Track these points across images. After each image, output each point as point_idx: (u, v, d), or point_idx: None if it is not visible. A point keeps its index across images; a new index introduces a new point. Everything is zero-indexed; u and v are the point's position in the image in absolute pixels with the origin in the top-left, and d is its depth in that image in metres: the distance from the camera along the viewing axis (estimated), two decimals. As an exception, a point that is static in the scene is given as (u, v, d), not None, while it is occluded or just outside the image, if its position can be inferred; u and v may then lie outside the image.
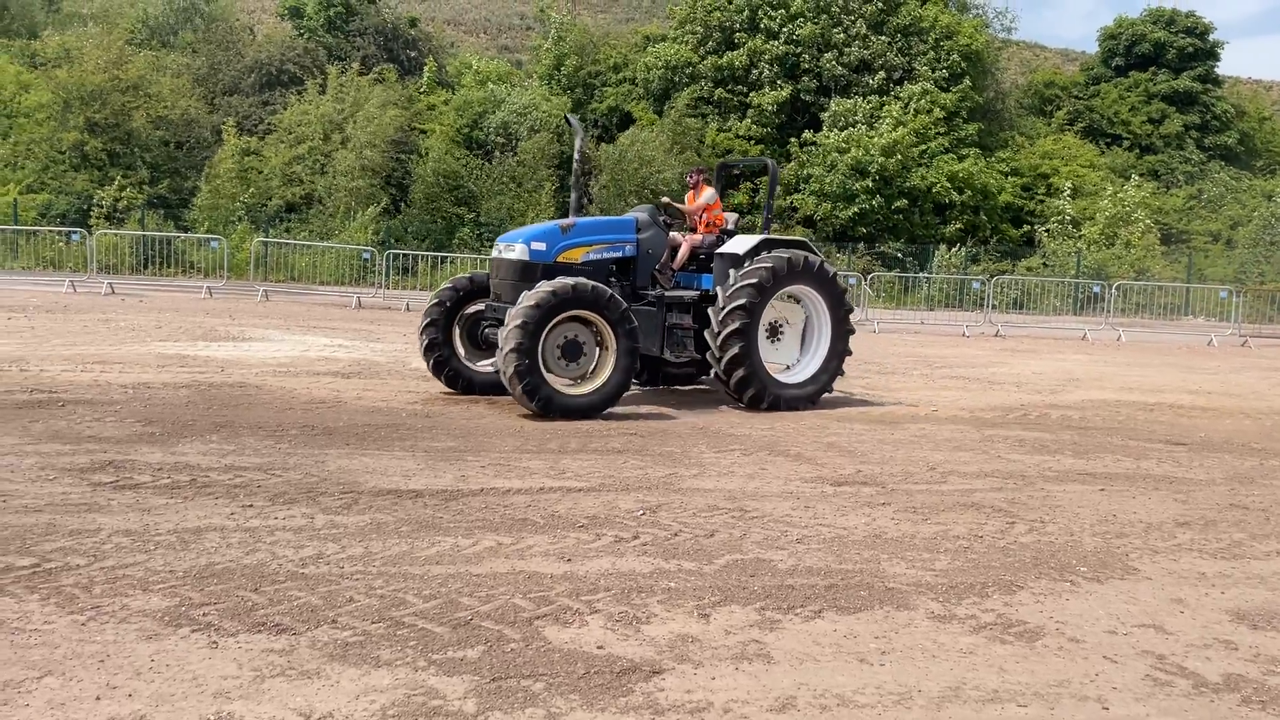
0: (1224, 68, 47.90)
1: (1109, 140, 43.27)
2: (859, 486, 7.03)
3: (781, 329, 10.70)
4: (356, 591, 4.45)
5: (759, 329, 10.17)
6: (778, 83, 35.69)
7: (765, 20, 36.34)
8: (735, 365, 9.93)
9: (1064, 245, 34.55)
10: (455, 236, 30.44)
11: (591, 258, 10.10)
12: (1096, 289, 28.07)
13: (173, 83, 33.84)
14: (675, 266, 10.59)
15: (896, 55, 36.47)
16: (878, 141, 32.47)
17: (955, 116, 35.96)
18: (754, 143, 35.05)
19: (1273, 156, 46.50)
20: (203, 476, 6.32)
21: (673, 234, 10.76)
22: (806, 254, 10.38)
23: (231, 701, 3.37)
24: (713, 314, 10.11)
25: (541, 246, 9.85)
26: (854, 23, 36.18)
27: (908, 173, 33.01)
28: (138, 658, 3.67)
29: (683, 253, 10.58)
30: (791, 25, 36.08)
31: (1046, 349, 20.04)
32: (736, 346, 9.88)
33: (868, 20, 36.36)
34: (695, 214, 11.03)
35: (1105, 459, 8.54)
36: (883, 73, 36.06)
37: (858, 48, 35.99)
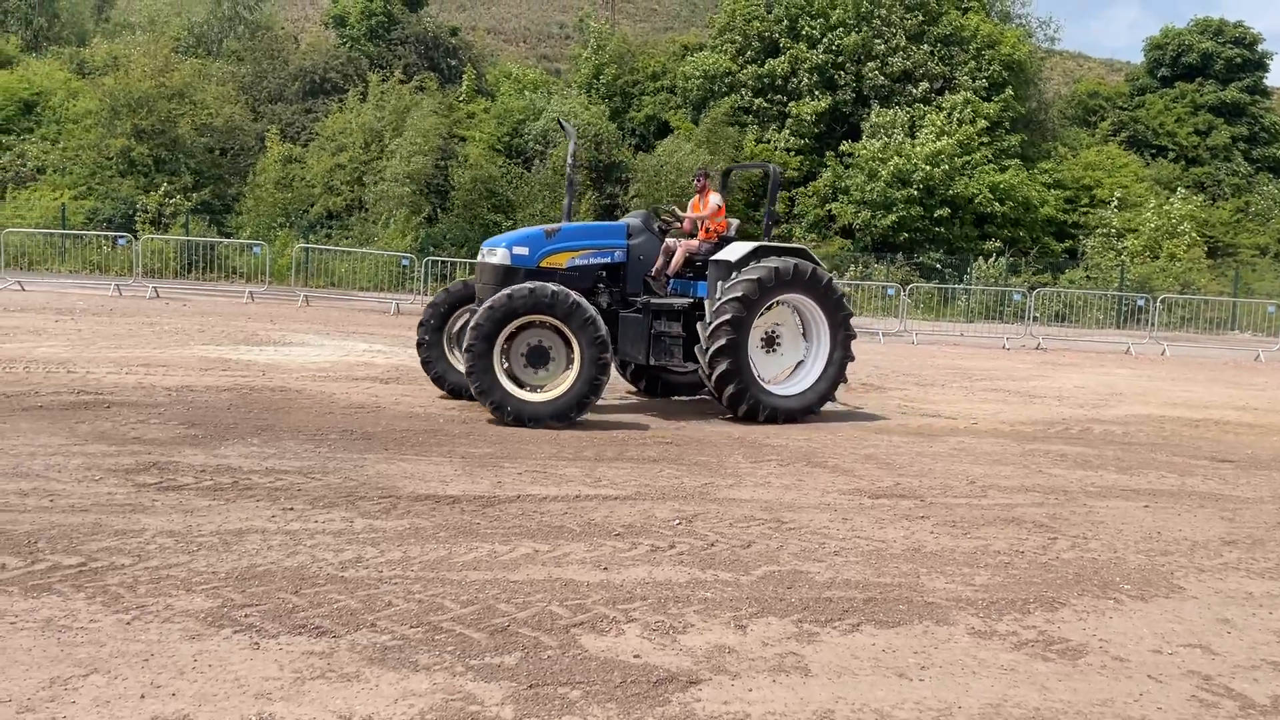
0: (1273, 79, 47.15)
1: (1154, 152, 42.66)
2: (897, 499, 6.97)
3: (778, 338, 10.43)
4: (395, 596, 4.48)
5: (750, 340, 9.92)
6: (816, 92, 35.57)
7: (806, 28, 36.25)
8: (725, 381, 9.71)
9: (1107, 257, 34.09)
10: (493, 244, 30.56)
11: (577, 263, 10.00)
12: (1141, 302, 27.65)
13: (217, 90, 34.37)
14: (670, 273, 10.44)
15: (938, 65, 36.21)
16: (920, 150, 32.24)
17: (997, 127, 35.62)
18: (792, 153, 34.94)
19: (1323, 169, 45.58)
20: (244, 479, 6.40)
21: (670, 240, 10.65)
22: (798, 262, 10.10)
23: (273, 703, 3.40)
24: (700, 328, 9.91)
25: (524, 251, 9.80)
26: (895, 33, 35.98)
27: (951, 182, 32.75)
28: (181, 657, 3.71)
29: (677, 259, 10.40)
30: (832, 34, 35.96)
31: (1089, 363, 19.77)
32: (725, 362, 9.64)
33: (908, 30, 36.14)
34: (698, 221, 10.81)
35: (1149, 475, 8.41)
36: (925, 83, 35.82)
37: (899, 58, 35.79)
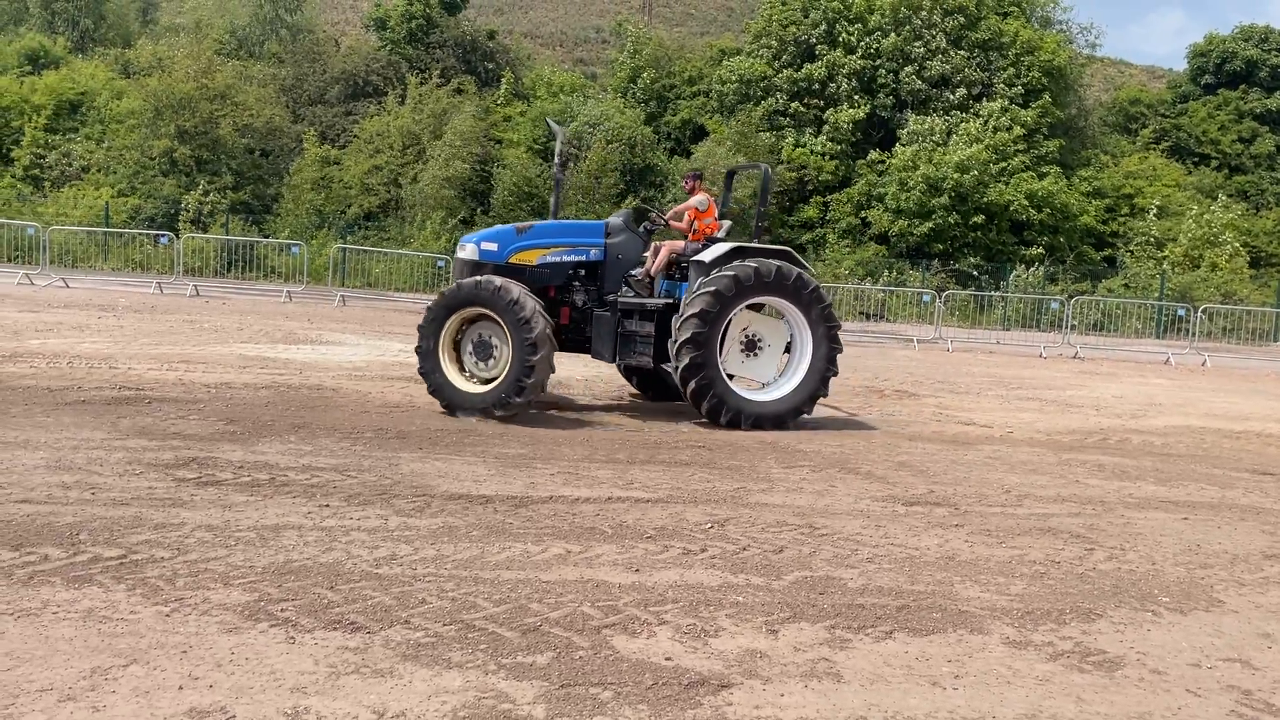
0: (1320, 86, 46.19)
1: (1196, 160, 42.08)
2: (931, 507, 6.91)
3: (760, 343, 10.14)
4: (429, 593, 4.51)
5: (722, 340, 9.74)
6: (855, 98, 35.42)
7: (843, 34, 36.12)
8: (689, 375, 9.48)
9: (1147, 266, 33.65)
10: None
11: (549, 260, 10.01)
12: (1181, 312, 27.26)
13: (259, 92, 34.83)
14: (653, 273, 10.36)
15: (976, 70, 35.94)
16: (950, 159, 32.00)
17: (1035, 133, 35.28)
18: (829, 158, 34.81)
19: (1370, 179, 44.70)
20: (281, 475, 6.47)
21: (659, 241, 10.63)
22: (779, 265, 9.76)
23: (308, 696, 3.44)
24: (674, 323, 9.75)
25: (492, 247, 9.89)
26: (934, 37, 35.75)
27: (984, 189, 32.46)
28: (218, 650, 3.76)
29: (660, 259, 10.31)
30: (870, 39, 35.80)
31: (1127, 372, 19.53)
32: (689, 356, 9.44)
33: (948, 35, 35.90)
34: (674, 220, 10.74)
35: (1189, 487, 8.28)
36: (963, 88, 35.56)
37: (938, 62, 35.55)
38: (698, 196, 10.62)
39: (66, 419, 7.77)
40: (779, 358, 10.22)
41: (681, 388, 9.63)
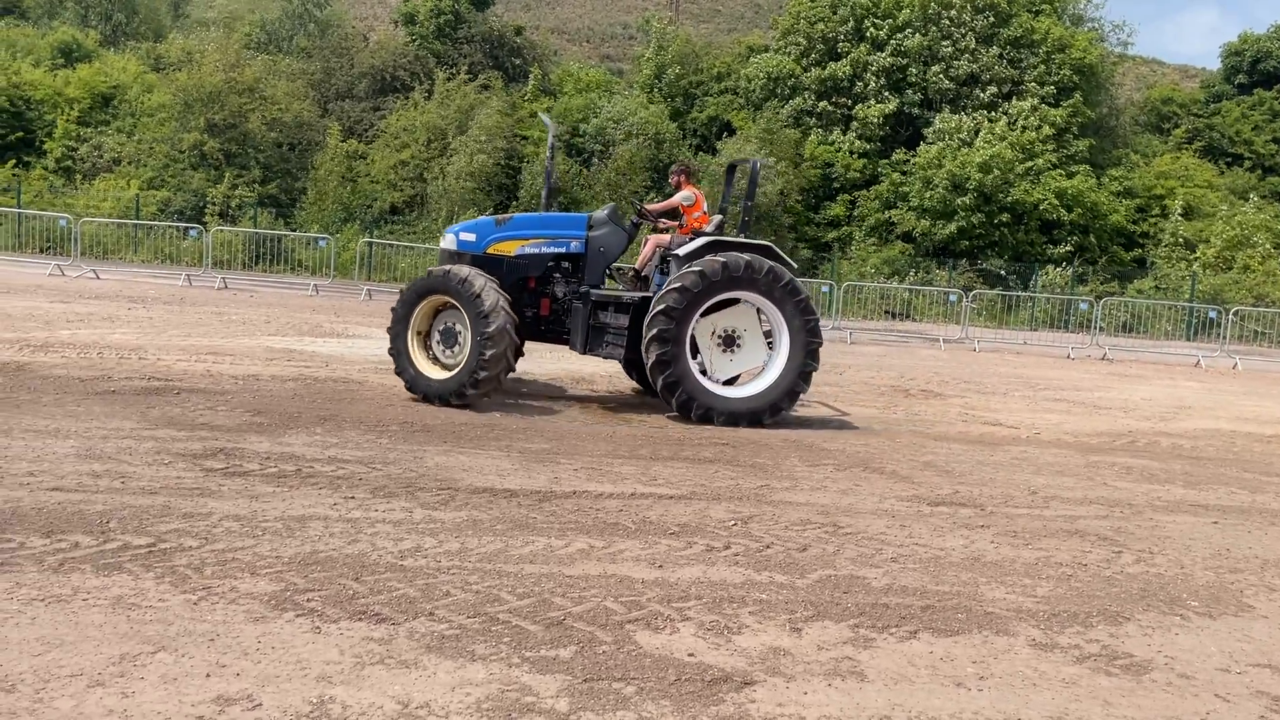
0: (1357, 86, 45.43)
1: (1229, 160, 41.53)
2: (956, 507, 6.87)
3: (739, 339, 9.99)
4: (453, 586, 4.53)
5: (702, 338, 9.72)
6: (883, 94, 35.21)
7: (871, 30, 35.90)
8: (659, 370, 9.46)
9: (1178, 268, 33.26)
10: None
11: (527, 251, 10.02)
12: (1212, 314, 26.93)
13: (287, 86, 35.06)
14: (639, 267, 10.32)
15: (1006, 68, 35.63)
16: (973, 158, 31.74)
17: (1065, 132, 34.94)
18: (857, 156, 34.64)
19: (1407, 180, 43.96)
20: (307, 467, 6.52)
21: (652, 235, 10.61)
22: (750, 259, 9.60)
23: (333, 686, 3.46)
24: (646, 319, 9.73)
25: (471, 238, 10.02)
26: (964, 35, 35.47)
27: (1009, 188, 32.17)
28: (245, 638, 3.79)
29: (645, 252, 10.32)
30: (899, 36, 35.57)
31: (1157, 374, 19.31)
32: (657, 351, 9.41)
33: (978, 33, 35.61)
34: (659, 214, 10.73)
35: (1219, 490, 8.19)
36: (992, 86, 35.27)
37: (966, 60, 35.27)
38: (683, 191, 10.62)
39: (97, 408, 7.86)
40: (760, 354, 10.01)
41: (655, 385, 9.64)
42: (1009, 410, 12.28)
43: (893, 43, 35.66)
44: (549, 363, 12.70)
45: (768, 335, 10.01)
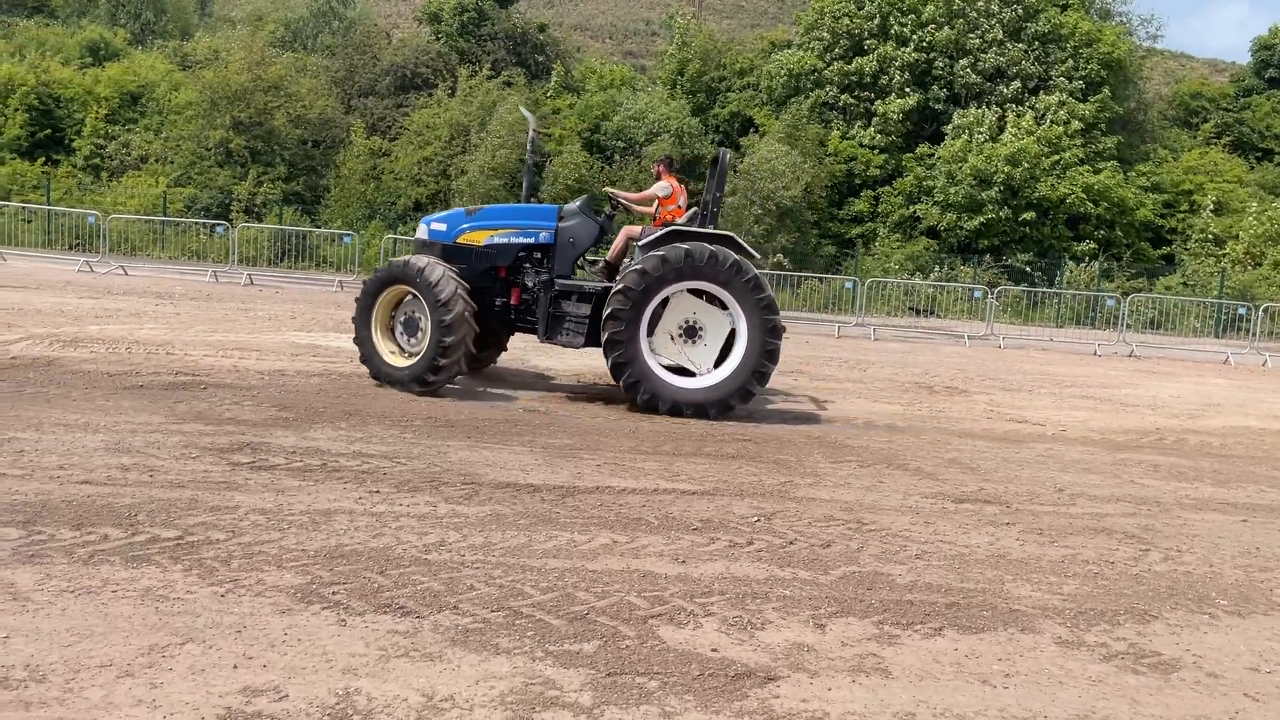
0: (1391, 80, 44.74)
1: (1259, 155, 40.96)
2: (981, 505, 6.83)
3: (701, 331, 9.89)
4: (477, 580, 4.54)
5: (660, 328, 9.71)
6: (906, 90, 34.99)
7: (896, 26, 35.68)
8: (610, 349, 9.53)
9: (1206, 264, 32.86)
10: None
11: (496, 241, 10.18)
12: (1242, 311, 26.60)
13: (311, 83, 35.26)
14: (610, 259, 10.34)
15: (1033, 63, 35.31)
16: (1001, 151, 31.47)
17: (1093, 128, 34.59)
18: (879, 151, 34.46)
19: None
20: (333, 461, 6.56)
21: (626, 227, 10.65)
22: (714, 249, 9.53)
23: (359, 678, 3.48)
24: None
25: (441, 228, 10.29)
26: (990, 28, 35.18)
27: (1035, 183, 31.89)
28: (272, 630, 3.83)
29: (617, 243, 10.34)
30: (924, 31, 35.32)
31: (1185, 372, 19.10)
32: (610, 331, 9.48)
33: (1005, 27, 35.30)
34: (637, 205, 10.75)
35: (1248, 489, 8.09)
36: (1018, 81, 34.97)
37: (993, 55, 34.99)
38: (661, 183, 10.61)
39: (125, 403, 7.94)
40: (721, 346, 9.87)
41: (612, 376, 9.73)
42: (1035, 407, 12.19)
43: (917, 37, 35.42)
44: (571, 359, 12.71)
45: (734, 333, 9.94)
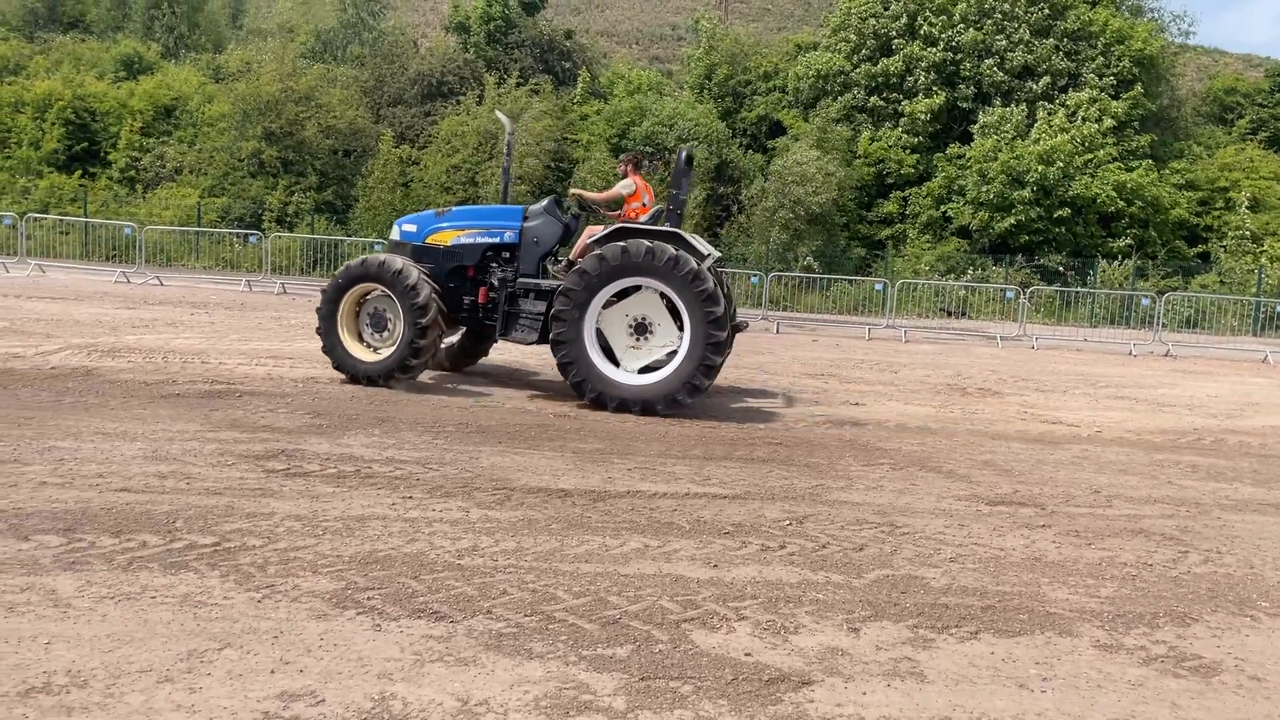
0: None
1: (1296, 150, 40.30)
2: (1016, 507, 6.76)
3: (651, 327, 9.92)
4: (509, 584, 4.56)
5: (610, 326, 9.78)
6: (933, 89, 34.77)
7: (925, 26, 35.48)
8: (556, 349, 9.69)
9: (1243, 261, 32.37)
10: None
11: (462, 241, 10.46)
12: (1280, 309, 26.18)
13: (341, 94, 35.59)
14: (573, 256, 10.35)
15: (1063, 61, 34.98)
16: (1033, 149, 31.18)
17: (1125, 125, 34.19)
18: (908, 151, 34.26)
19: None
20: (366, 468, 6.61)
21: (590, 225, 10.74)
22: (652, 245, 9.53)
23: (394, 683, 3.50)
24: None
25: (412, 229, 10.68)
26: (1019, 28, 34.90)
27: (1069, 181, 31.56)
28: (308, 636, 3.86)
29: (580, 243, 10.38)
30: (952, 31, 35.10)
31: (1222, 371, 18.82)
32: (555, 331, 9.64)
33: (1033, 25, 35.00)
34: (602, 204, 10.86)
35: (1290, 489, 7.95)
36: (1047, 78, 34.65)
37: (1021, 53, 34.70)
38: (625, 181, 10.73)
39: (162, 411, 8.05)
40: (670, 342, 9.85)
41: (561, 374, 9.88)
42: (1069, 408, 12.06)
43: (945, 37, 35.20)
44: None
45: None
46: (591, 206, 11.07)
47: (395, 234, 10.80)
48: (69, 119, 34.20)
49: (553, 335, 9.67)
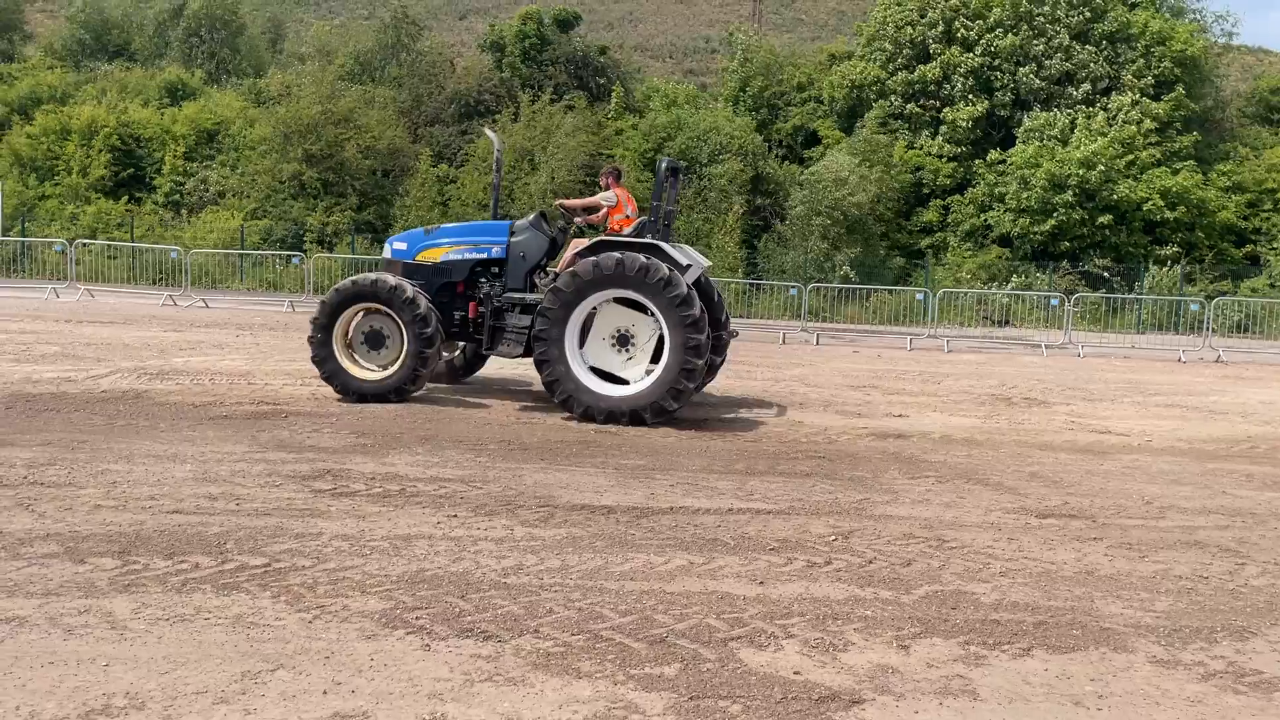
0: None
1: (1346, 150, 39.45)
2: (1066, 519, 6.66)
3: (632, 339, 10.00)
4: (555, 603, 4.57)
5: (591, 336, 9.87)
6: (971, 97, 34.51)
7: (961, 31, 35.24)
8: (540, 367, 9.78)
9: (1294, 263, 31.70)
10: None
11: (451, 257, 10.61)
12: (1334, 312, 25.60)
13: (380, 114, 36.04)
14: (560, 269, 10.35)
15: (1103, 65, 34.57)
16: (1074, 154, 30.78)
17: (1168, 127, 33.69)
18: (946, 159, 34.00)
19: None
20: (411, 486, 6.67)
21: (576, 239, 10.80)
22: (624, 257, 9.59)
23: (445, 703, 3.52)
24: None
25: (403, 246, 10.87)
26: (1058, 32, 34.55)
27: (1112, 185, 31.12)
28: (359, 656, 3.89)
29: (565, 256, 10.41)
30: (989, 36, 34.84)
31: (1275, 377, 18.43)
32: (538, 350, 9.74)
33: (1071, 29, 34.64)
34: (578, 210, 10.95)
35: (1349, 498, 7.76)
36: (1087, 84, 34.26)
37: (1059, 58, 34.36)
38: (607, 192, 10.83)
39: (210, 433, 8.17)
40: (652, 354, 9.93)
41: (545, 386, 9.94)
42: (1118, 417, 11.87)
43: (983, 43, 34.94)
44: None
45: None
46: (569, 212, 11.15)
47: (386, 252, 11.00)
48: (114, 146, 34.93)
49: (537, 354, 9.77)
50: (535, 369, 9.93)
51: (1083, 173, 30.64)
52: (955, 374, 15.91)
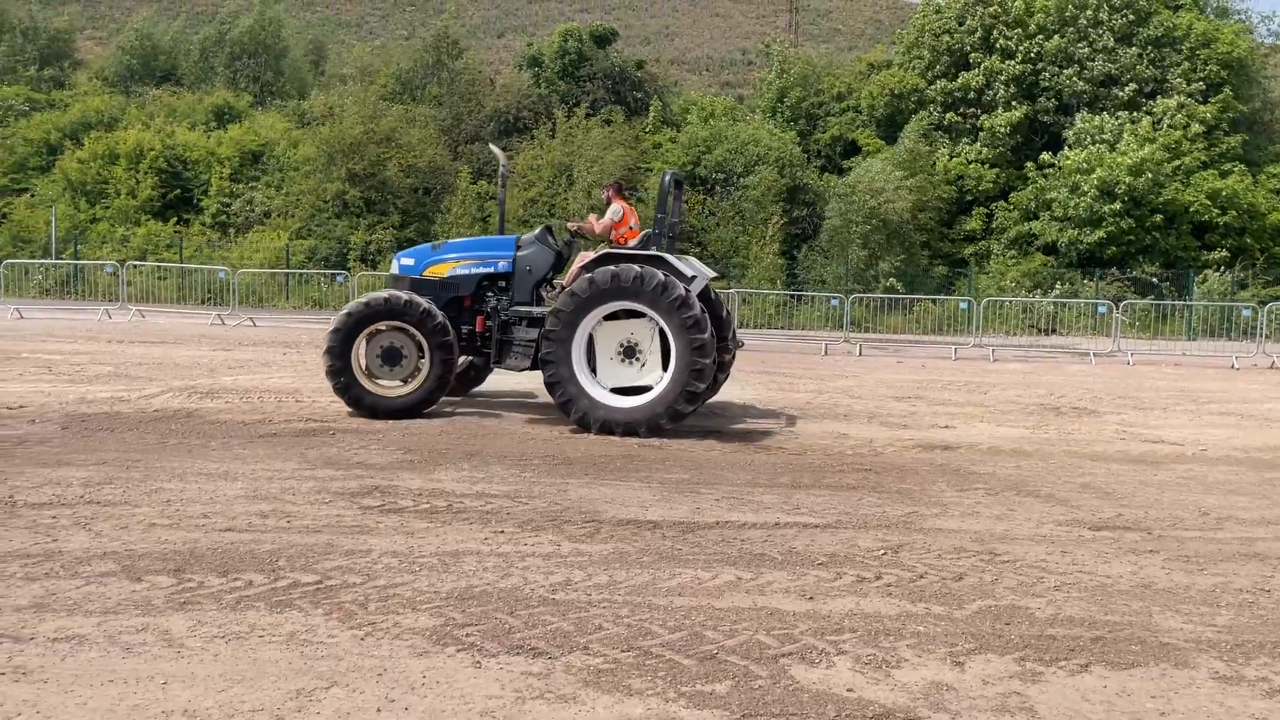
0: None
1: (1401, 149, 38.51)
2: (1121, 531, 6.54)
3: (639, 351, 10.00)
4: (604, 619, 4.56)
5: (599, 349, 9.88)
6: (1013, 103, 34.16)
7: (1001, 40, 34.95)
8: (544, 368, 9.81)
9: (1350, 266, 30.96)
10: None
11: (458, 272, 10.68)
12: (1392, 315, 24.96)
13: (420, 133, 36.44)
14: (566, 283, 10.37)
15: (1147, 68, 34.09)
16: (1122, 161, 30.32)
17: (1215, 130, 33.11)
18: (988, 166, 33.67)
19: None
20: (458, 502, 6.70)
21: (583, 252, 10.85)
22: (641, 270, 9.63)
23: (497, 721, 3.53)
24: None
25: (410, 262, 10.95)
26: (1100, 35, 34.14)
27: (1160, 189, 30.61)
28: (411, 673, 3.91)
29: (572, 270, 10.46)
30: (1030, 43, 34.50)
31: (1331, 382, 17.99)
32: (544, 352, 9.76)
33: (1115, 33, 34.21)
34: (602, 232, 10.92)
35: None
36: (1133, 85, 33.78)
37: (1102, 61, 33.92)
38: (612, 207, 10.85)
39: (260, 451, 8.28)
40: (660, 366, 9.93)
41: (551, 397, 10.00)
42: (1171, 426, 11.65)
43: (1023, 48, 34.60)
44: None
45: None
46: (587, 236, 11.28)
47: (395, 268, 11.09)
48: (161, 168, 35.63)
49: (542, 356, 9.83)
50: (547, 391, 9.99)
51: (1130, 180, 30.16)
52: (1002, 383, 15.71)
